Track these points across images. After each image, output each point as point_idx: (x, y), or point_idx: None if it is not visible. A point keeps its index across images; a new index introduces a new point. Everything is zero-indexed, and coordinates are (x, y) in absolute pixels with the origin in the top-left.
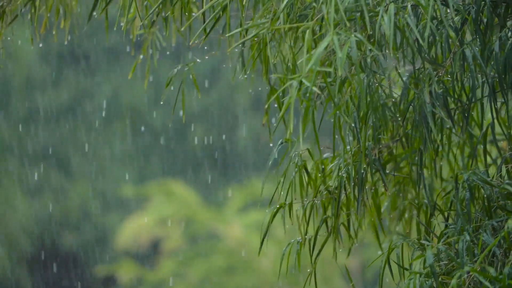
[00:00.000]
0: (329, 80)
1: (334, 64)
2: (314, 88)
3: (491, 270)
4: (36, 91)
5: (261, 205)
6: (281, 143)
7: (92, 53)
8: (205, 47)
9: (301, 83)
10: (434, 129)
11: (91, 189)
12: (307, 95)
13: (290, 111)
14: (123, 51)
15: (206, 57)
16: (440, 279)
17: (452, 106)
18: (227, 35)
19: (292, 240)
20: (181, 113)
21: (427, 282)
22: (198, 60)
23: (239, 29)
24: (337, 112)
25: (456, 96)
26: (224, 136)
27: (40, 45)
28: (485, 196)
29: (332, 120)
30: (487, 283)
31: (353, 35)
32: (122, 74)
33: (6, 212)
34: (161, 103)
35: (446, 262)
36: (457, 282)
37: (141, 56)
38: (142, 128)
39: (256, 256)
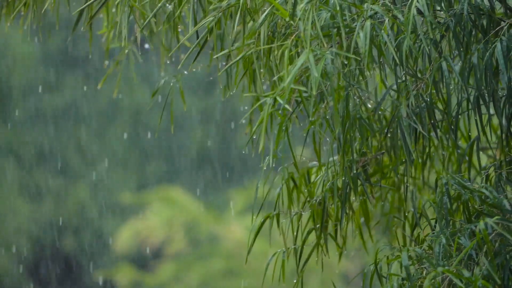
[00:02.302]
0: (305, 95)
1: (310, 82)
2: (287, 106)
3: (465, 272)
4: (35, 93)
5: (261, 210)
6: (269, 158)
7: (93, 56)
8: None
9: (275, 100)
10: (410, 144)
11: (90, 192)
12: (281, 111)
13: (262, 129)
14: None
15: (194, 70)
16: (420, 282)
17: (439, 118)
18: (214, 57)
19: (279, 250)
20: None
21: (407, 285)
22: (185, 72)
23: (225, 51)
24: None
25: (441, 108)
26: (224, 139)
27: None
28: (464, 200)
29: (318, 131)
30: (460, 284)
31: (328, 52)
32: (122, 78)
33: (5, 216)
34: (159, 109)
35: (427, 266)
36: (432, 283)
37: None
38: (142, 132)
39: (257, 259)
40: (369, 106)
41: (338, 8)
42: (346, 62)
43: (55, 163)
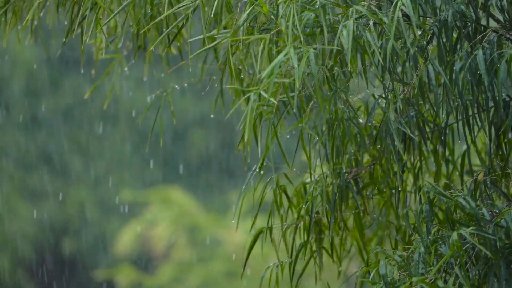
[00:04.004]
0: (291, 94)
1: (294, 77)
2: (272, 99)
3: (439, 282)
4: (36, 95)
5: (262, 213)
6: (255, 169)
7: (92, 58)
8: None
9: (259, 95)
10: (399, 145)
11: (91, 194)
12: (266, 107)
13: (249, 127)
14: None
15: (185, 85)
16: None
17: (429, 128)
18: (188, 40)
19: (271, 264)
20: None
21: None
22: (176, 86)
23: (200, 36)
24: (303, 126)
25: (431, 119)
26: (224, 141)
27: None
28: (447, 208)
29: (307, 135)
30: None
31: (311, 49)
32: (122, 79)
33: (6, 217)
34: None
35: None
36: None
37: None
38: (142, 134)
39: (257, 262)
40: (360, 120)
41: (320, 6)
42: (331, 63)
43: (56, 165)
